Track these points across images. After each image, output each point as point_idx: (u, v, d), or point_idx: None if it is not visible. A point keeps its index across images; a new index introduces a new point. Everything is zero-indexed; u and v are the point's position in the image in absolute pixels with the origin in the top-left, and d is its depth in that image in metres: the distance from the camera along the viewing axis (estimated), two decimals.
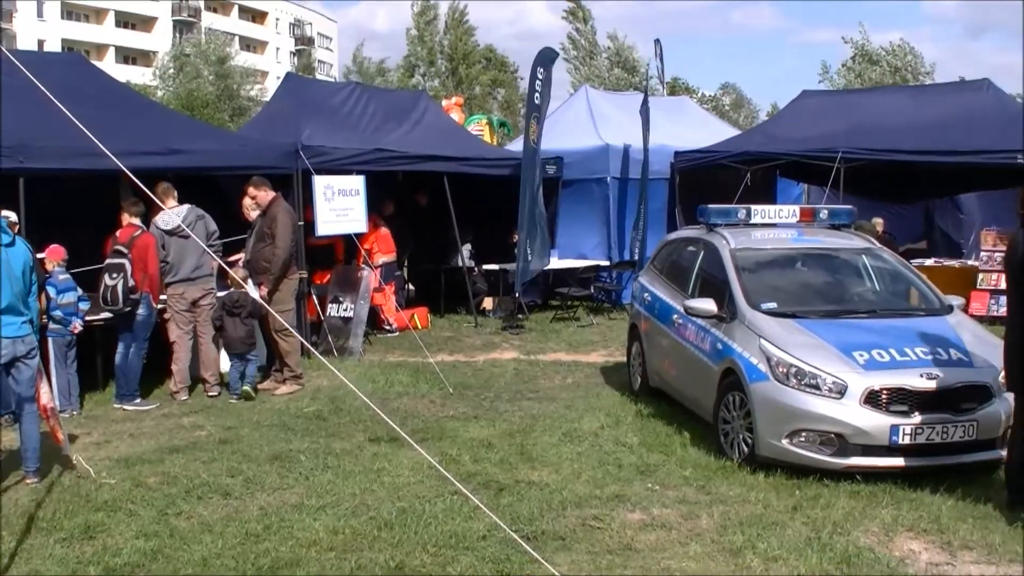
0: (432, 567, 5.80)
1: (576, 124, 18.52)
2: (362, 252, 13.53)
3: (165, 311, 10.51)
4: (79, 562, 5.93)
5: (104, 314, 10.04)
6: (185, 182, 11.02)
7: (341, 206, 12.86)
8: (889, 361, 7.44)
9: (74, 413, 9.67)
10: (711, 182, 16.61)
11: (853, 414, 7.20)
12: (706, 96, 68.97)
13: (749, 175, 17.17)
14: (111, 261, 9.82)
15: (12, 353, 7.23)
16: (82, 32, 71.31)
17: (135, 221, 10.07)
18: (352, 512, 6.73)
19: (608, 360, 12.66)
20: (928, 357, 7.48)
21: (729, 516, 6.62)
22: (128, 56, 73.84)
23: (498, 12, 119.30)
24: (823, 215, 9.86)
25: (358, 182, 13.13)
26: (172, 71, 56.22)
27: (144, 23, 75.83)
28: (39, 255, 8.98)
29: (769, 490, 7.16)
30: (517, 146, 16.59)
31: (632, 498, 7.05)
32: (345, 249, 14.27)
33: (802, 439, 7.35)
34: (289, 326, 9.99)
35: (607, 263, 17.33)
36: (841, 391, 7.29)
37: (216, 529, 6.42)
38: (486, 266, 16.77)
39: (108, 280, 9.73)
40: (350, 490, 7.21)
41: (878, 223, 15.32)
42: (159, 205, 9.29)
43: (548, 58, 16.13)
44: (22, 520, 6.58)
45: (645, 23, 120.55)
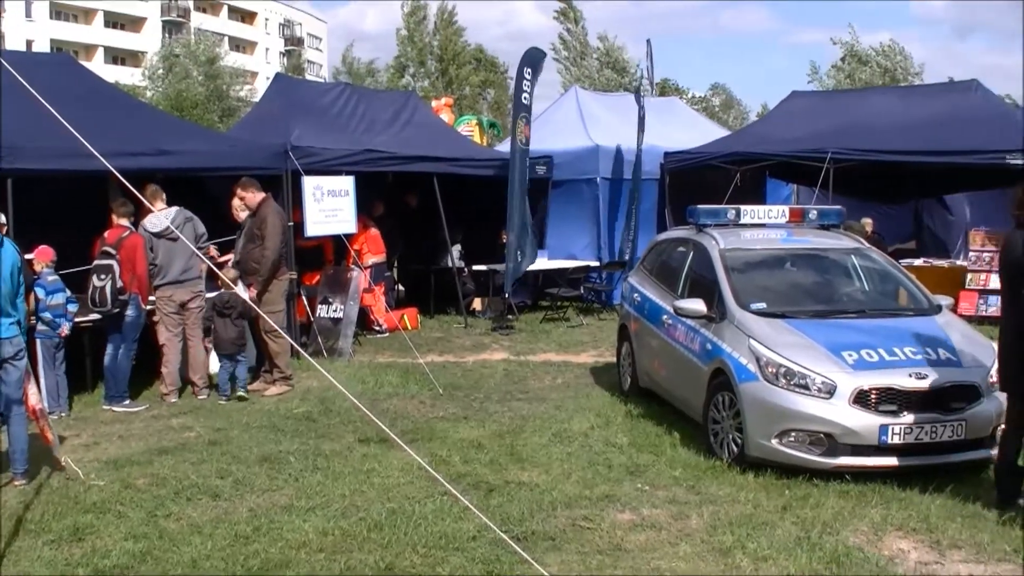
0: (422, 568, 5.80)
1: (566, 125, 18.50)
2: (352, 253, 13.52)
3: (154, 313, 10.48)
4: (68, 564, 5.91)
5: (93, 315, 10.02)
6: (174, 183, 11.01)
7: (330, 207, 12.86)
8: (878, 361, 7.45)
9: (63, 415, 9.64)
10: (701, 183, 16.58)
11: (842, 414, 7.21)
12: (696, 97, 69.25)
13: (739, 176, 17.19)
14: (99, 262, 9.79)
15: None
16: (71, 32, 71.03)
17: (124, 222, 10.04)
18: (342, 513, 6.72)
19: (598, 360, 12.67)
20: (917, 357, 7.49)
21: (719, 516, 6.63)
22: (117, 56, 73.65)
23: (488, 12, 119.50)
24: (812, 215, 9.87)
25: (347, 183, 13.12)
26: (161, 72, 56.12)
27: (133, 23, 75.61)
28: (27, 256, 8.94)
29: (759, 490, 7.17)
30: (507, 147, 16.58)
31: (622, 498, 7.05)
32: (335, 250, 14.26)
33: (791, 439, 7.37)
34: (279, 327, 9.97)
35: (597, 263, 17.33)
36: (830, 391, 7.30)
37: (205, 531, 6.41)
38: (476, 267, 16.76)
39: (96, 281, 9.70)
40: (340, 491, 7.20)
41: (867, 223, 15.33)
42: (148, 207, 9.27)
43: (535, 58, 16.11)
44: (10, 522, 6.54)
45: (635, 23, 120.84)
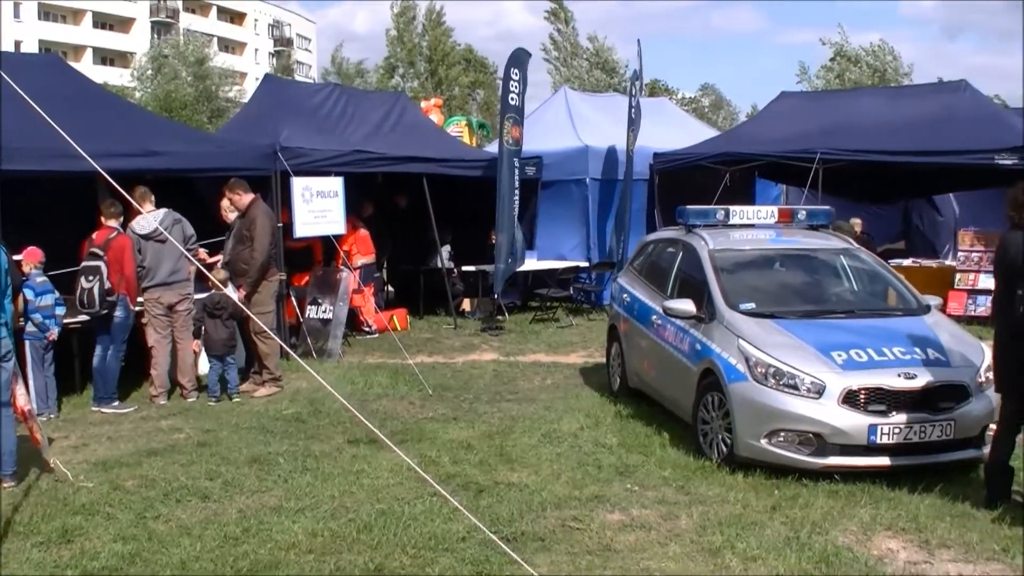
0: (411, 569, 5.79)
1: (555, 125, 18.50)
2: (341, 254, 13.50)
3: (143, 314, 10.45)
4: (57, 566, 5.89)
5: (81, 317, 9.99)
6: (163, 184, 10.97)
7: (319, 208, 12.84)
8: (867, 361, 7.47)
9: (51, 416, 9.61)
10: (690, 183, 16.62)
11: (831, 414, 7.23)
12: (686, 97, 69.35)
13: (728, 176, 17.24)
14: (87, 264, 9.76)
15: None
16: (59, 33, 70.76)
17: (112, 223, 10.01)
18: (331, 514, 6.71)
19: (587, 361, 12.67)
20: (906, 357, 7.51)
21: (708, 516, 6.64)
22: (106, 57, 73.46)
23: (476, 13, 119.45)
24: (801, 216, 9.90)
25: (337, 184, 13.11)
26: (150, 72, 55.96)
27: (122, 24, 75.40)
28: (16, 257, 8.92)
29: (748, 490, 7.18)
30: (496, 148, 16.57)
31: (611, 499, 7.05)
32: (324, 251, 14.24)
33: (781, 439, 7.38)
34: (268, 328, 9.95)
35: (586, 264, 17.34)
36: (819, 391, 7.31)
37: (194, 532, 6.39)
38: (465, 267, 16.75)
39: (84, 283, 9.67)
40: (329, 492, 7.18)
41: (856, 223, 15.39)
42: (137, 208, 9.24)
43: (521, 59, 16.11)
44: None
45: (625, 24, 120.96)
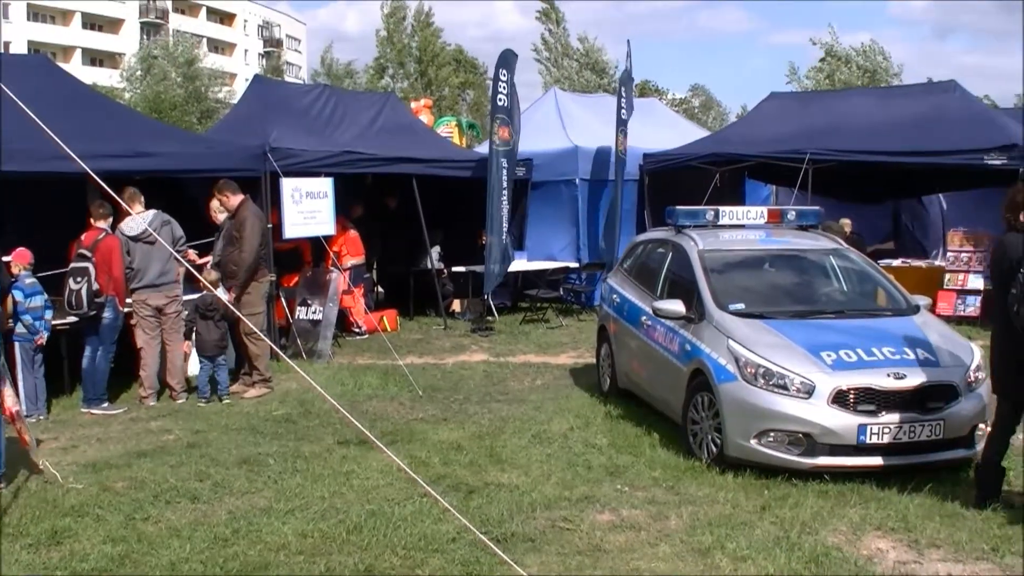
0: (401, 570, 5.79)
1: (545, 126, 18.50)
2: (331, 254, 13.49)
3: (132, 315, 10.43)
4: (46, 568, 5.87)
5: (70, 318, 9.96)
6: (153, 185, 10.95)
7: (309, 208, 12.81)
8: (856, 361, 7.48)
9: (41, 417, 9.58)
10: (680, 184, 16.63)
11: (821, 414, 7.24)
12: (675, 98, 69.44)
13: (718, 176, 17.27)
14: (75, 265, 9.74)
15: None
16: (48, 34, 70.48)
17: (101, 224, 9.98)
18: (321, 515, 6.70)
19: (577, 362, 12.68)
20: (895, 357, 7.53)
21: (698, 516, 6.65)
22: (95, 58, 73.20)
23: (467, 14, 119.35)
24: (791, 216, 9.92)
25: (326, 184, 13.08)
26: (139, 73, 55.80)
27: (111, 25, 75.18)
28: (5, 259, 8.89)
29: (738, 490, 7.19)
30: (486, 148, 16.57)
31: (601, 499, 7.06)
32: (313, 252, 14.22)
33: (770, 439, 7.39)
34: (258, 330, 9.93)
35: (576, 265, 17.34)
36: (809, 391, 7.32)
37: (184, 534, 6.38)
38: (455, 268, 16.75)
39: (72, 284, 9.64)
40: (319, 493, 7.18)
41: (846, 224, 15.40)
42: (127, 209, 9.22)
43: (509, 60, 16.09)
44: None
45: (615, 25, 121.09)
